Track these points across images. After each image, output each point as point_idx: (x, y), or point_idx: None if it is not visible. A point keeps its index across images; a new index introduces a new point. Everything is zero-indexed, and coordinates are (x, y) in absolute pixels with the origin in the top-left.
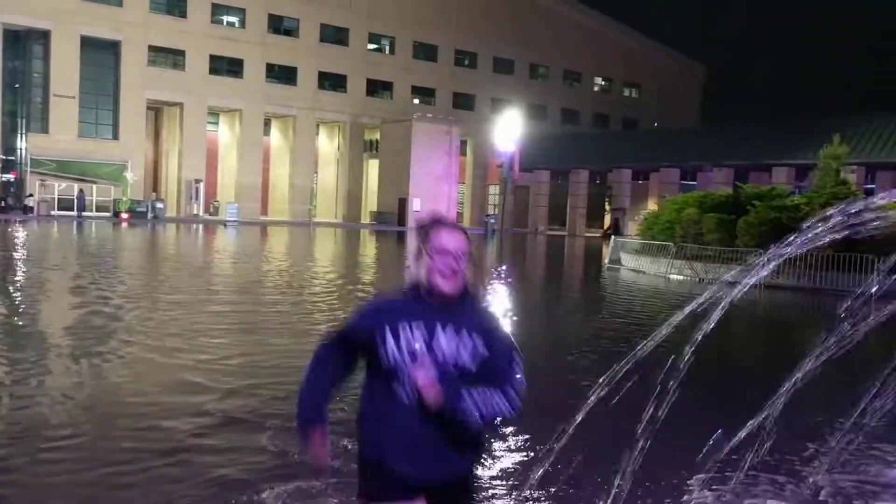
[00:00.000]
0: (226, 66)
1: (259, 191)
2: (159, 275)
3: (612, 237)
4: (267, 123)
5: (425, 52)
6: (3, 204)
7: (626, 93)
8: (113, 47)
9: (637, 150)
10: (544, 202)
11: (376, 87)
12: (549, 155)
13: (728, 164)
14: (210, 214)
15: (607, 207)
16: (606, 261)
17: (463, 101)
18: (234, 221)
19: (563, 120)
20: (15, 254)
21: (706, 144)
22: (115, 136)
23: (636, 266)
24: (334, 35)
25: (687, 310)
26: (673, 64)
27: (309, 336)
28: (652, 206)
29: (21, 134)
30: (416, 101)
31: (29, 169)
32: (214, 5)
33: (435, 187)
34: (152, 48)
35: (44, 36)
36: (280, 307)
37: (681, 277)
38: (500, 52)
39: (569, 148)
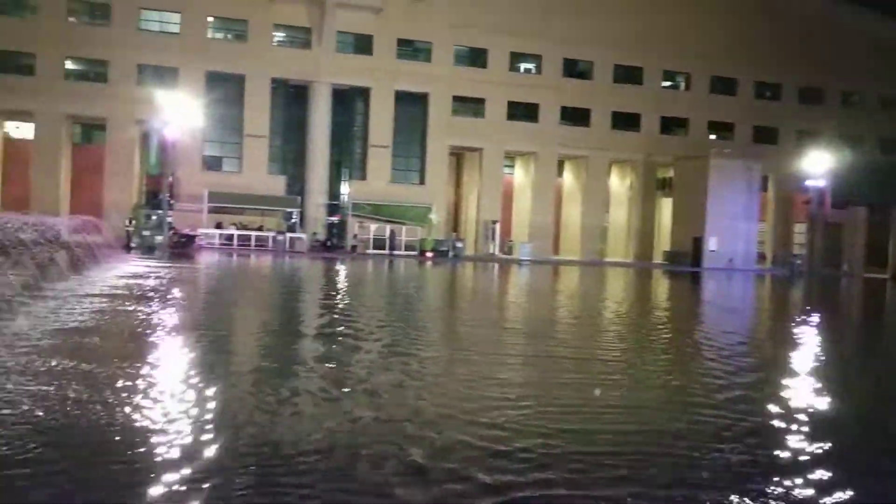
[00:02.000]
0: (522, 112)
1: (551, 230)
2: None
3: None
4: (560, 164)
5: (723, 86)
6: (328, 244)
7: None
8: (421, 100)
9: None
10: (861, 241)
11: (670, 125)
12: (866, 189)
13: None
14: (504, 253)
15: None
16: None
17: (764, 135)
18: (528, 260)
19: (882, 150)
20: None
21: None
22: (422, 181)
23: None
24: (628, 75)
25: None
26: None
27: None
28: None
29: (344, 181)
30: (713, 136)
31: (350, 212)
32: (513, 54)
33: (732, 226)
34: (456, 98)
35: (364, 93)
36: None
37: None
38: (807, 81)
39: (891, 181)
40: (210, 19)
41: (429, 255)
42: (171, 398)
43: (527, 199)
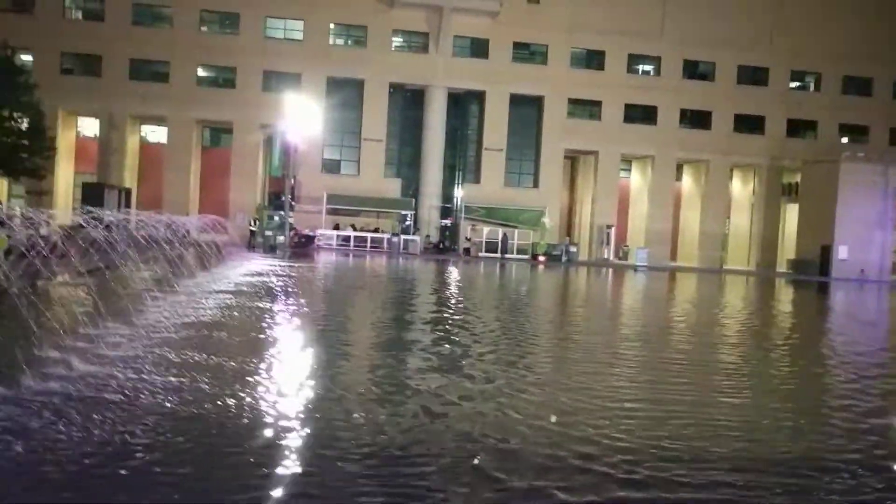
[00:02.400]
0: (639, 114)
1: (668, 236)
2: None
3: None
4: (678, 169)
5: (857, 86)
6: (441, 246)
7: None
8: (536, 102)
9: None
10: None
11: (798, 128)
12: None
13: None
14: (619, 259)
15: None
16: None
17: None
18: (644, 266)
19: None
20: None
21: None
22: (535, 185)
23: None
24: (752, 76)
25: None
26: None
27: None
28: None
29: (457, 184)
30: (845, 139)
31: (462, 215)
32: (631, 56)
33: (865, 234)
34: (571, 101)
35: (479, 96)
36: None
37: None
38: None
39: None
40: (332, 26)
41: (541, 259)
42: (296, 391)
43: (643, 204)
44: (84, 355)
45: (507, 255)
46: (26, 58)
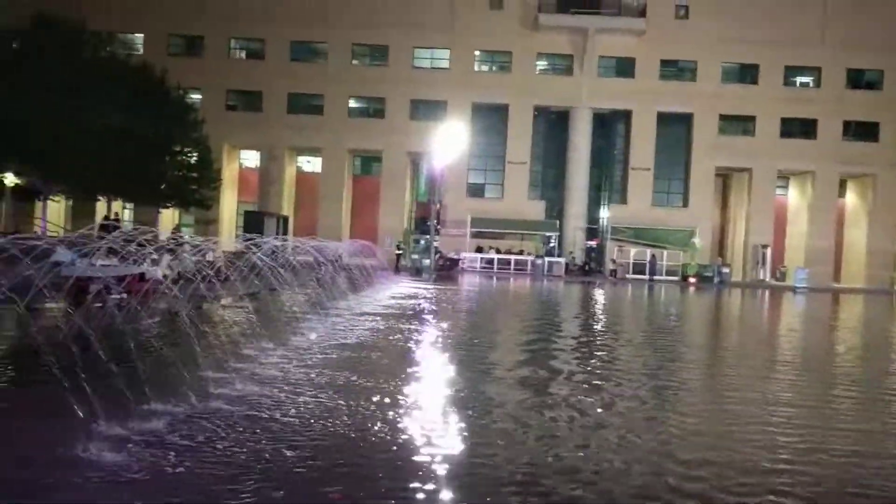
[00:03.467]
0: (797, 128)
1: (830, 255)
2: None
3: None
4: (841, 184)
5: None
6: (586, 268)
7: None
8: (685, 120)
9: None
10: None
11: None
12: None
13: None
14: (776, 280)
15: None
16: None
17: None
18: (804, 287)
19: None
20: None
21: None
22: (685, 204)
23: None
24: None
25: None
26: None
27: None
28: None
29: (603, 205)
30: None
31: (609, 236)
32: (787, 67)
33: None
34: (723, 117)
35: (625, 116)
36: None
37: None
38: None
39: None
40: (476, 53)
41: (692, 280)
42: (450, 416)
43: (802, 222)
44: (246, 375)
45: (656, 277)
46: (195, 96)
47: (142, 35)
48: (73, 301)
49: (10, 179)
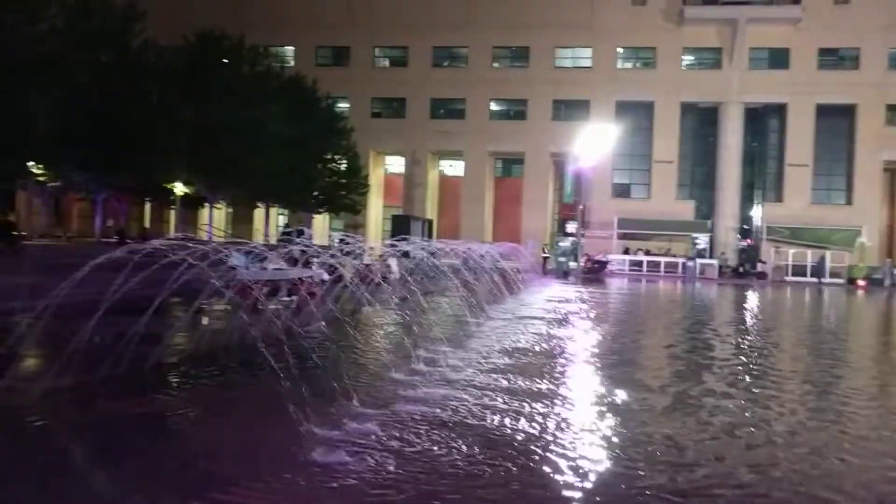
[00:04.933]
0: None
1: None
2: None
3: None
4: None
5: None
6: (741, 270)
7: None
8: (847, 111)
9: None
10: None
11: None
12: None
13: None
14: None
15: None
16: None
17: None
18: None
19: None
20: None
21: None
22: (848, 202)
23: None
24: None
25: None
26: None
27: None
28: None
29: (757, 204)
30: None
31: (764, 237)
32: None
33: None
34: (889, 107)
35: (779, 110)
36: None
37: None
38: None
39: None
40: (619, 50)
41: (860, 283)
42: (623, 423)
43: None
44: (434, 379)
45: (819, 280)
46: (343, 106)
47: (292, 48)
48: (250, 304)
49: (180, 188)
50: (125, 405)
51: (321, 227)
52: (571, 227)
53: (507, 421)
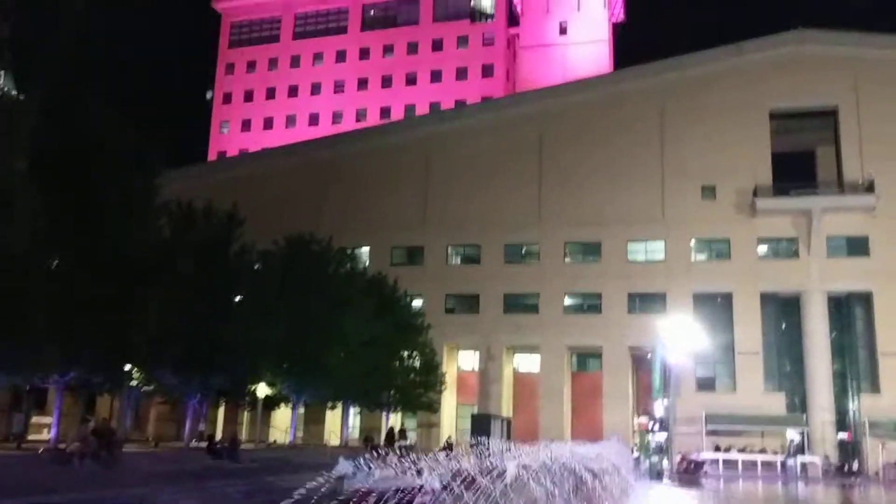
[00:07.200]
0: None
1: None
2: None
3: None
4: None
5: None
6: (847, 468)
7: None
8: None
9: None
10: None
11: None
12: None
13: None
14: None
15: None
16: None
17: None
18: None
19: None
20: None
21: None
22: None
23: None
24: None
25: None
26: None
27: None
28: None
29: (852, 395)
30: None
31: (867, 431)
32: None
33: None
34: None
35: (864, 297)
36: None
37: None
38: None
39: None
40: (693, 242)
41: None
42: None
43: None
44: None
45: None
46: (417, 303)
47: (367, 248)
48: None
49: (262, 390)
50: None
51: (396, 426)
52: (643, 419)
53: None
